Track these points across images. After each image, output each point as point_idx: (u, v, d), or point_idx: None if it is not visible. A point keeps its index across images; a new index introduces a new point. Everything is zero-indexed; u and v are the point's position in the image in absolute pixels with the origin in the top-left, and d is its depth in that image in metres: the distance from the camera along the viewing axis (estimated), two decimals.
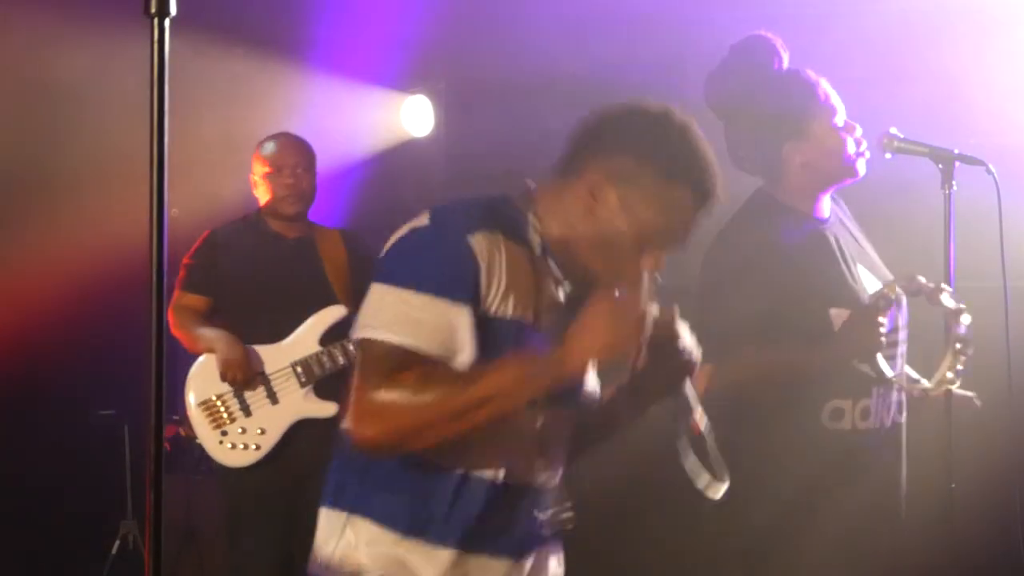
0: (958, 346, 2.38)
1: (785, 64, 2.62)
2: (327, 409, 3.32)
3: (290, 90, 4.59)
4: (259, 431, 3.31)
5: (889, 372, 2.35)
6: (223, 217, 3.73)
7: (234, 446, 3.31)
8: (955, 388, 2.41)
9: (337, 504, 1.79)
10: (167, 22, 1.31)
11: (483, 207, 1.77)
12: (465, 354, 1.68)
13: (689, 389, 1.75)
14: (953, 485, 2.39)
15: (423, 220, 1.73)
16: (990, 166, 2.45)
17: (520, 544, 1.80)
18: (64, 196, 4.35)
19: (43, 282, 4.25)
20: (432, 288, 1.67)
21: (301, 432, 3.34)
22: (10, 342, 4.17)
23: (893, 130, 2.50)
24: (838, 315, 2.39)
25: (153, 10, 1.30)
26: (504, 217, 1.76)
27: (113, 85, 4.11)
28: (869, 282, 2.51)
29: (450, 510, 1.74)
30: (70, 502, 4.52)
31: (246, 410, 3.33)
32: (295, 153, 3.48)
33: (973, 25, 3.78)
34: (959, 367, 2.39)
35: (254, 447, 3.30)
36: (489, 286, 1.70)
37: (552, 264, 1.78)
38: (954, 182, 2.41)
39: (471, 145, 4.54)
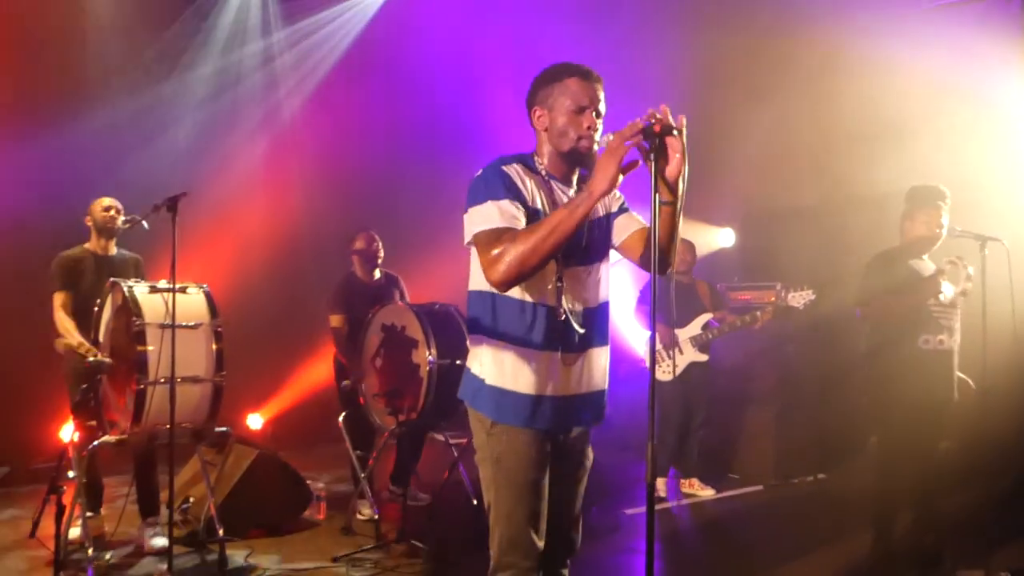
0: (967, 286, 4.82)
1: None
2: (703, 357, 7.03)
3: None
4: (674, 366, 7.04)
5: (948, 294, 4.73)
6: None
7: (664, 372, 7.02)
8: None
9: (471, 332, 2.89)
10: None
11: (510, 157, 2.75)
12: (525, 222, 2.66)
13: None
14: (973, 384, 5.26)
15: (479, 172, 2.73)
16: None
17: (549, 344, 2.77)
18: None
19: None
20: (496, 196, 2.63)
21: (691, 368, 7.05)
22: None
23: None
24: (924, 268, 4.84)
25: None
26: (520, 160, 2.76)
27: None
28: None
29: (505, 322, 2.76)
30: None
31: (669, 356, 7.05)
32: None
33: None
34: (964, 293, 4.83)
35: (671, 372, 6.99)
36: (522, 190, 2.67)
37: (553, 182, 2.78)
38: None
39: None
